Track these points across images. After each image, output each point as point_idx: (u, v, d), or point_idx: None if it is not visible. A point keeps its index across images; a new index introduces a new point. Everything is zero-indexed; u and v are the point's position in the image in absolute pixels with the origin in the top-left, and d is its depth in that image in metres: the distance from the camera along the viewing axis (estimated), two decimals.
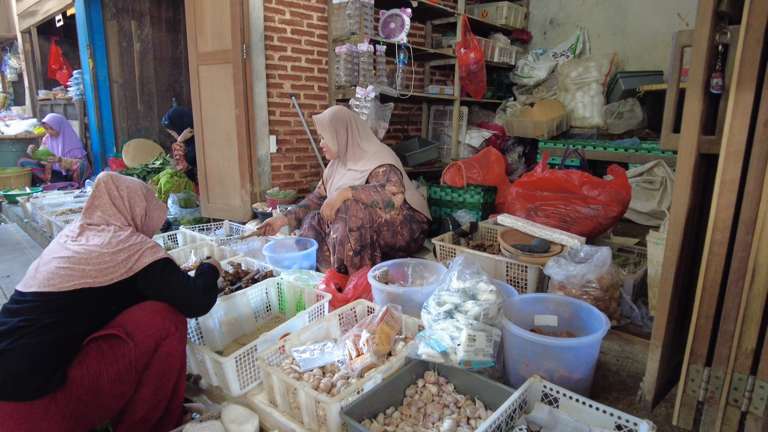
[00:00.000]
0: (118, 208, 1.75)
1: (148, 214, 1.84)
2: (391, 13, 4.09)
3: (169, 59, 6.54)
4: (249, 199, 3.53)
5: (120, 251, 1.61)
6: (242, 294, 2.18)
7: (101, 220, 1.71)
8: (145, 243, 1.68)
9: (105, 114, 5.96)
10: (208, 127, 3.59)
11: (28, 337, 1.46)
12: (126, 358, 1.52)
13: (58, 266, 1.56)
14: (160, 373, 1.61)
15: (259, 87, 3.52)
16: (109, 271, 1.57)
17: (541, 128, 4.35)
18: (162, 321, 1.60)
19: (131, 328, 1.56)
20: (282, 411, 1.68)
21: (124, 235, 1.68)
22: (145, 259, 1.62)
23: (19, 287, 1.61)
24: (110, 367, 1.50)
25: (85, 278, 1.55)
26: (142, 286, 1.64)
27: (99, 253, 1.59)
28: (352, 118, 2.73)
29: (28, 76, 8.34)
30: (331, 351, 1.76)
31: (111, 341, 1.52)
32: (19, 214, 4.97)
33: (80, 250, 1.60)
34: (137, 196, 1.80)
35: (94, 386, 1.47)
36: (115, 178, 1.80)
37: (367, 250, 2.40)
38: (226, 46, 3.37)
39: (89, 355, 1.49)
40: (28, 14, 7.62)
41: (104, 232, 1.67)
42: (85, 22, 5.75)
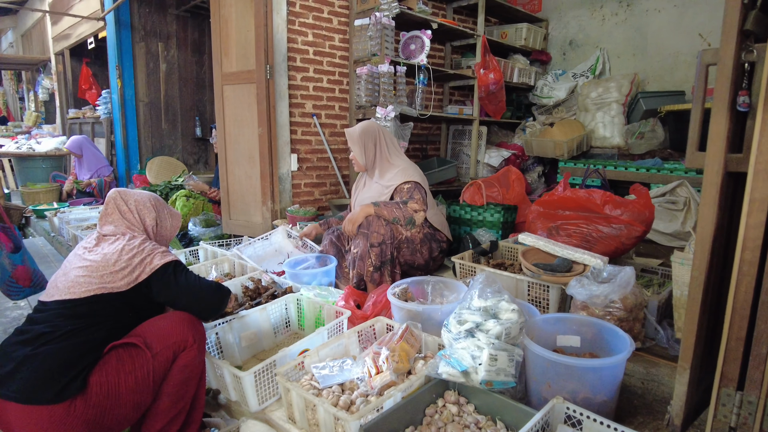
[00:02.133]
0: (128, 221, 1.80)
1: (159, 223, 1.88)
2: (411, 34, 4.16)
3: (194, 79, 6.71)
4: (270, 216, 3.57)
5: (134, 256, 1.67)
6: (262, 309, 2.19)
7: (115, 231, 1.77)
8: (156, 248, 1.74)
9: (131, 132, 6.12)
10: (231, 146, 3.66)
11: (51, 343, 1.50)
12: (144, 368, 1.54)
13: (77, 275, 1.62)
14: (178, 385, 1.62)
15: (282, 107, 3.58)
16: (124, 275, 1.63)
17: (561, 148, 4.33)
18: (180, 332, 1.63)
19: (150, 338, 1.59)
20: (300, 428, 1.67)
21: (138, 241, 1.73)
22: (156, 261, 1.68)
23: (42, 298, 1.66)
24: (128, 375, 1.52)
25: (103, 284, 1.60)
26: (156, 291, 1.69)
27: (115, 259, 1.65)
28: (381, 133, 2.78)
29: (59, 95, 8.63)
30: (350, 368, 1.75)
31: (130, 350, 1.56)
32: (46, 228, 5.10)
33: (97, 259, 1.66)
34: (146, 207, 1.85)
35: (112, 393, 1.50)
36: (123, 194, 1.85)
37: (387, 267, 2.40)
38: (251, 66, 3.45)
39: (109, 363, 1.53)
40: (62, 37, 7.92)
41: (119, 240, 1.73)
42: (115, 45, 5.95)
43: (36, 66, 9.76)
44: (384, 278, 2.39)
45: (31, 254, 2.98)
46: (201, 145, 6.83)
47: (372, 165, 2.77)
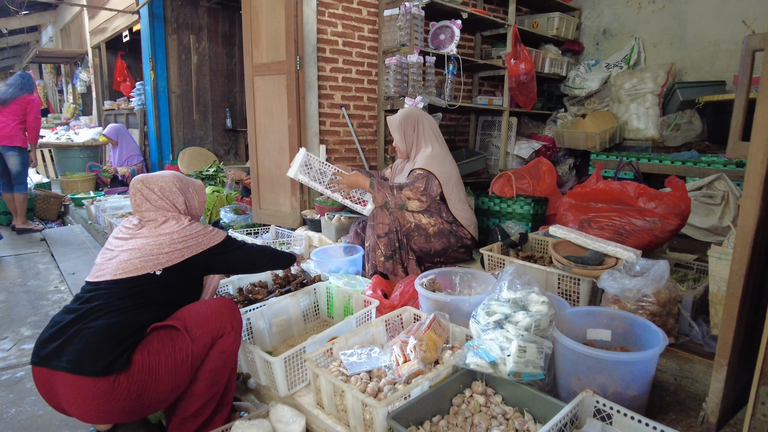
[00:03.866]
0: (161, 207, 1.83)
1: (188, 204, 1.92)
2: (441, 24, 4.12)
3: (224, 71, 6.80)
4: (299, 206, 3.61)
5: (187, 236, 1.74)
6: (293, 296, 2.22)
7: (156, 216, 1.81)
8: (206, 227, 1.83)
9: (163, 123, 6.26)
10: (261, 136, 3.70)
11: (101, 318, 1.57)
12: (183, 351, 1.59)
13: (130, 257, 1.68)
14: (214, 370, 1.67)
15: (311, 97, 3.60)
16: (183, 253, 1.71)
17: (593, 140, 4.24)
18: (219, 319, 1.67)
19: (190, 323, 1.64)
20: (328, 413, 1.69)
21: (186, 223, 1.80)
22: (216, 237, 1.80)
23: (90, 278, 1.71)
24: (168, 357, 1.57)
25: (160, 261, 1.68)
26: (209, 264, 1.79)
27: (170, 240, 1.72)
28: (421, 119, 2.78)
29: (95, 88, 8.89)
30: (378, 356, 1.76)
31: (171, 332, 1.61)
32: (84, 216, 5.27)
33: (150, 242, 1.71)
34: (171, 192, 1.86)
35: (153, 372, 1.55)
36: (146, 182, 1.86)
37: (398, 254, 2.40)
38: (281, 57, 3.48)
39: (151, 343, 1.58)
40: (99, 31, 8.13)
41: (166, 223, 1.78)
42: (149, 37, 6.07)
43: (74, 59, 10.05)
44: (396, 266, 2.40)
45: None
46: (231, 136, 6.93)
47: (411, 150, 2.78)
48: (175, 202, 1.86)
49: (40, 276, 3.83)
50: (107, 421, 1.71)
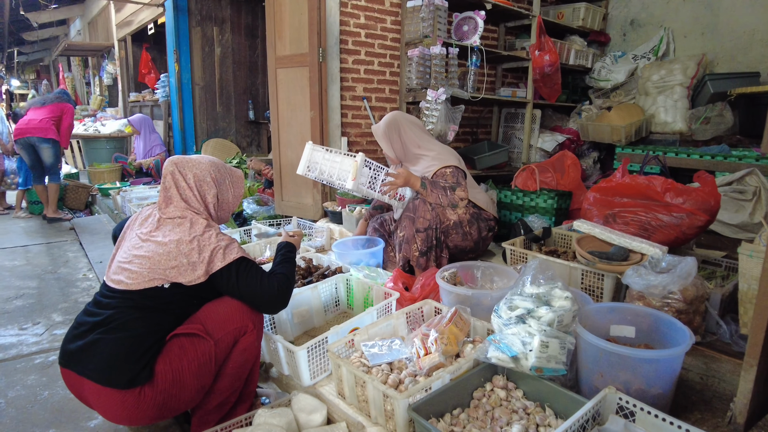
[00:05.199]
0: (187, 199, 1.72)
1: (220, 198, 1.80)
2: (464, 15, 4.07)
3: (247, 63, 6.85)
4: (320, 198, 3.63)
5: (194, 250, 1.62)
6: (314, 288, 2.25)
7: (175, 212, 1.70)
8: (220, 241, 1.67)
9: (187, 114, 6.34)
10: (284, 128, 3.73)
11: (120, 330, 1.55)
12: (206, 355, 1.59)
13: (141, 265, 1.61)
14: (237, 367, 1.69)
15: (334, 90, 3.61)
16: (188, 272, 1.61)
17: (619, 133, 4.16)
18: (240, 318, 1.66)
19: (210, 325, 1.62)
20: (350, 403, 1.71)
21: (199, 229, 1.66)
22: (217, 263, 1.63)
23: (107, 281, 1.68)
24: (192, 362, 1.58)
25: (166, 278, 1.60)
26: (218, 286, 1.68)
27: (177, 252, 1.62)
28: (405, 123, 2.71)
29: (121, 80, 9.04)
30: (399, 348, 1.77)
31: (192, 338, 1.59)
32: (110, 205, 5.39)
33: (159, 251, 1.62)
34: (206, 183, 1.75)
35: (177, 380, 1.56)
36: (180, 166, 1.74)
37: (433, 252, 2.40)
38: (303, 49, 3.49)
39: (172, 351, 1.58)
40: (125, 24, 8.25)
41: (180, 226, 1.67)
42: (173, 29, 6.14)
43: (101, 52, 10.23)
44: (430, 263, 2.39)
45: None
46: (254, 128, 6.99)
47: (402, 156, 2.71)
48: (205, 194, 1.75)
49: (69, 264, 3.94)
50: (136, 425, 1.75)
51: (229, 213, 1.92)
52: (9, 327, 2.80)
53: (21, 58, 15.63)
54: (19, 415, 2.00)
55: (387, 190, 2.35)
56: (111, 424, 1.93)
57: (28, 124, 4.91)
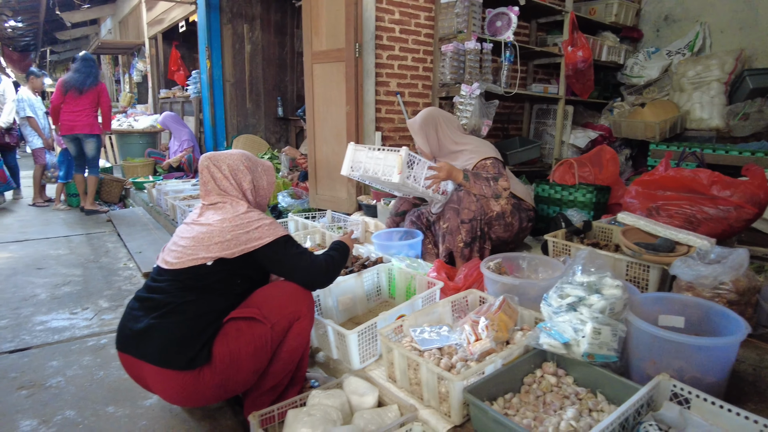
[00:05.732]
0: (225, 189, 1.81)
1: (256, 184, 1.88)
2: (498, 11, 4.08)
3: (276, 60, 6.94)
4: (355, 191, 3.68)
5: (238, 226, 1.70)
6: (358, 276, 2.29)
7: (216, 199, 1.81)
8: (262, 219, 1.75)
9: (218, 110, 6.46)
10: (319, 123, 3.79)
11: (174, 314, 1.63)
12: (262, 338, 1.65)
13: (185, 245, 1.71)
14: (291, 351, 1.74)
15: (369, 85, 3.65)
16: (231, 245, 1.68)
17: (653, 130, 4.12)
18: (295, 303, 1.72)
19: (266, 309, 1.68)
20: (400, 386, 1.75)
21: (242, 209, 1.75)
22: (265, 237, 1.70)
23: (159, 264, 1.78)
24: (248, 345, 1.63)
25: (210, 253, 1.67)
26: (263, 262, 1.75)
27: (220, 228, 1.70)
28: (440, 119, 2.74)
29: (151, 77, 9.23)
30: (447, 334, 1.81)
31: (249, 321, 1.65)
32: (145, 199, 5.52)
33: (203, 230, 1.72)
34: (240, 171, 1.83)
35: (234, 362, 1.62)
36: (214, 160, 1.84)
37: (477, 243, 2.42)
38: (340, 45, 3.54)
39: (229, 334, 1.64)
40: (156, 22, 8.42)
41: (222, 209, 1.77)
42: (205, 27, 6.26)
43: (131, 50, 10.45)
44: (473, 254, 2.42)
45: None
46: (282, 125, 7.08)
47: (437, 151, 2.74)
48: (241, 181, 1.83)
49: (109, 254, 4.06)
50: (194, 405, 1.84)
51: (266, 200, 1.99)
52: (61, 311, 2.91)
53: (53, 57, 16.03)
54: (79, 392, 2.09)
55: (431, 184, 2.38)
56: (165, 404, 2.00)
57: (74, 120, 5.08)
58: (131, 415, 1.93)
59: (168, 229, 4.50)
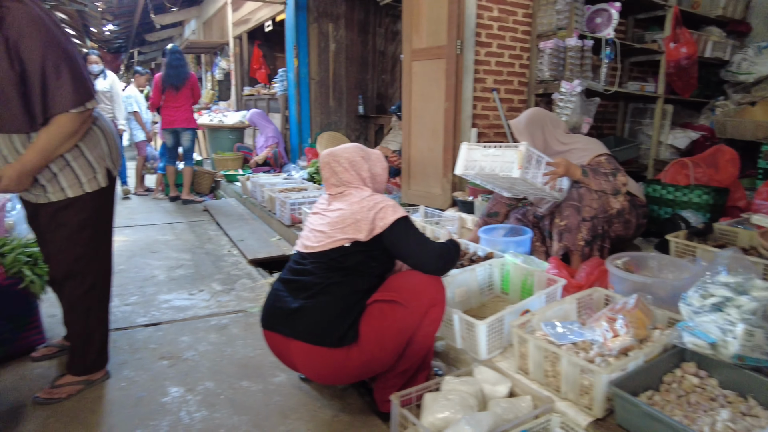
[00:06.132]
0: (347, 180, 1.92)
1: (372, 172, 1.98)
2: (598, 7, 3.99)
3: (358, 58, 7.09)
4: (450, 187, 3.72)
5: (365, 207, 1.81)
6: (472, 270, 2.33)
7: (340, 189, 1.94)
8: (386, 201, 1.85)
9: (304, 108, 6.68)
10: (416, 119, 3.85)
11: (322, 295, 1.75)
12: (403, 321, 1.73)
13: (323, 230, 1.85)
14: (425, 335, 1.81)
15: (468, 81, 3.68)
16: (362, 226, 1.79)
17: (765, 130, 3.89)
18: (432, 290, 1.79)
19: (407, 295, 1.76)
20: (533, 379, 1.77)
21: (366, 194, 1.88)
22: (389, 216, 1.79)
23: (298, 249, 1.93)
24: (391, 327, 1.72)
25: (346, 235, 1.80)
26: (387, 243, 1.82)
27: (351, 211, 1.82)
28: (546, 119, 2.72)
29: (235, 75, 9.66)
30: (581, 330, 1.81)
31: (391, 304, 1.74)
32: (237, 190, 5.81)
33: (336, 214, 1.86)
34: (357, 162, 1.94)
35: (380, 342, 1.71)
36: (333, 155, 1.97)
37: (598, 241, 2.40)
38: (441, 42, 3.58)
39: (373, 315, 1.74)
40: (242, 22, 8.81)
41: (349, 196, 1.90)
42: (294, 26, 6.49)
43: (214, 49, 10.98)
44: (593, 253, 2.40)
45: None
46: (362, 122, 7.23)
47: (543, 152, 2.68)
48: (360, 170, 1.93)
49: (212, 241, 4.31)
50: (336, 383, 1.96)
51: (383, 185, 2.08)
52: (180, 292, 3.14)
53: (140, 57, 17.10)
54: (213, 366, 2.26)
55: (548, 180, 2.38)
56: (294, 381, 2.12)
57: (174, 115, 5.45)
58: (264, 391, 2.07)
59: (264, 219, 4.72)
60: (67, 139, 1.76)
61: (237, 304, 2.95)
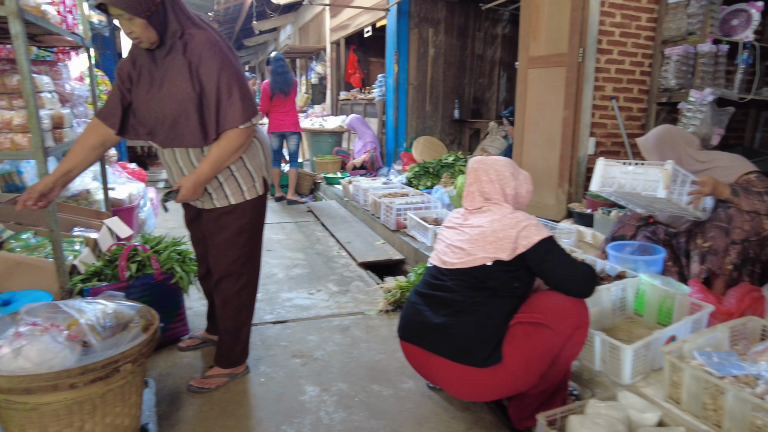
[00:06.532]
0: (489, 193, 1.90)
1: (517, 191, 1.92)
2: (734, 8, 3.71)
3: (456, 63, 7.07)
4: (565, 198, 3.63)
5: (508, 225, 1.77)
6: (606, 289, 2.25)
7: (480, 203, 1.92)
8: (529, 219, 1.81)
9: (401, 113, 6.78)
10: (530, 127, 3.79)
11: (464, 313, 1.75)
12: (549, 343, 1.71)
13: (463, 247, 1.83)
14: (568, 357, 1.78)
15: (588, 89, 3.57)
16: (504, 245, 1.76)
17: None
18: (579, 312, 1.76)
19: (551, 315, 1.73)
20: (685, 409, 1.69)
21: (508, 211, 1.84)
22: (533, 236, 1.75)
23: (435, 264, 1.93)
24: (537, 349, 1.70)
25: (487, 254, 1.77)
26: (530, 263, 1.79)
27: (491, 229, 1.80)
28: (678, 138, 2.53)
29: (331, 79, 9.98)
30: (740, 363, 1.70)
31: (536, 326, 1.72)
32: (337, 192, 6.01)
33: (476, 231, 1.83)
34: (505, 177, 1.90)
35: (526, 364, 1.70)
36: (483, 164, 1.94)
37: (748, 266, 2.24)
38: (561, 49, 3.50)
39: (518, 336, 1.72)
40: (340, 28, 9.08)
41: (488, 212, 1.87)
42: (395, 32, 6.60)
43: (310, 54, 11.40)
44: (743, 277, 2.24)
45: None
46: (457, 127, 7.21)
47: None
48: (505, 186, 1.89)
49: (321, 242, 4.50)
50: (476, 400, 1.97)
51: (524, 207, 2.03)
52: (299, 290, 3.30)
53: None
54: (343, 367, 2.35)
55: (693, 199, 2.24)
56: (422, 389, 2.17)
57: (282, 120, 5.75)
58: (396, 396, 2.13)
59: (367, 223, 4.84)
60: (236, 151, 1.92)
61: (354, 306, 3.06)
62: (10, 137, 2.22)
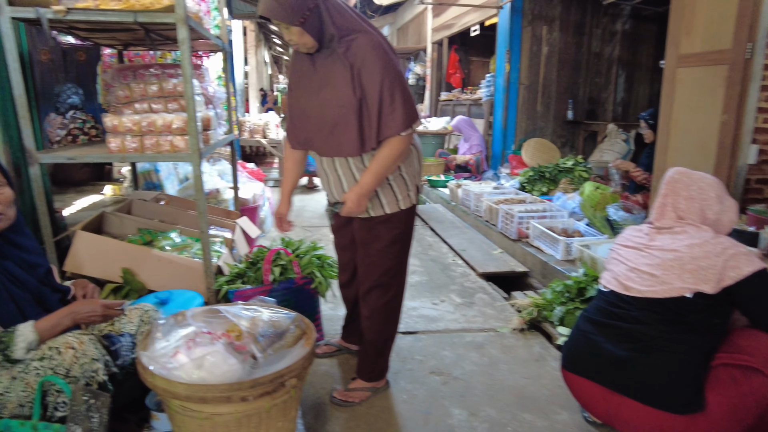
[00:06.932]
0: (683, 211, 1.68)
1: (719, 218, 1.68)
2: None
3: (571, 62, 6.66)
4: None
5: (710, 254, 1.54)
6: None
7: (672, 221, 1.70)
8: (736, 246, 1.56)
9: (510, 114, 6.50)
10: (676, 132, 3.41)
11: (658, 351, 1.53)
12: (760, 391, 1.46)
13: (653, 273, 1.60)
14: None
15: (753, 90, 3.13)
16: (708, 275, 1.52)
17: None
18: None
19: (764, 360, 1.48)
20: None
21: (709, 235, 1.60)
22: (744, 267, 1.51)
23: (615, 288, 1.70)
24: (747, 396, 1.46)
25: (685, 284, 1.54)
26: (738, 298, 1.56)
27: (690, 255, 1.56)
28: None
29: (431, 80, 9.86)
30: None
31: (745, 370, 1.48)
32: (442, 196, 5.87)
33: (669, 256, 1.60)
34: (708, 198, 1.68)
35: (732, 414, 1.45)
36: (686, 176, 1.73)
37: None
38: (722, 45, 3.10)
39: (722, 381, 1.49)
40: (444, 27, 8.92)
41: (683, 234, 1.64)
42: (507, 30, 6.33)
43: (409, 55, 11.35)
44: None
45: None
46: (569, 129, 6.80)
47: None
48: (706, 208, 1.67)
49: (433, 248, 4.37)
50: None
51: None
52: (423, 299, 3.19)
53: None
54: (487, 390, 2.20)
55: None
56: (578, 422, 1.97)
57: None
58: (551, 429, 1.94)
59: (479, 229, 4.66)
60: (397, 159, 1.83)
61: (484, 321, 2.89)
62: (170, 139, 2.29)
